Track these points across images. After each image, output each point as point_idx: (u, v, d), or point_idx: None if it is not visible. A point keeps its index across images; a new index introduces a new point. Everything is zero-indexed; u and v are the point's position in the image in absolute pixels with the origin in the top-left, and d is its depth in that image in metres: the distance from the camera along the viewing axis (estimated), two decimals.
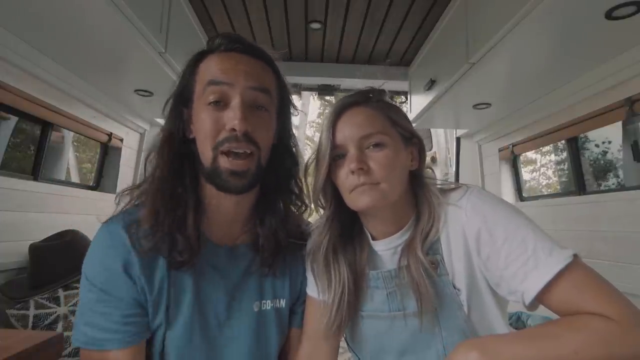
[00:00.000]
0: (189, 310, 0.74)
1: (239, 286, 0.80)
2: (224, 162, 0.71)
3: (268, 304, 0.82)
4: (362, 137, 0.74)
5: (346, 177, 0.74)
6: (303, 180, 0.87)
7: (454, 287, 0.73)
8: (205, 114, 0.71)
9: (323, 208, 0.83)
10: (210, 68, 0.73)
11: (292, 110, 0.86)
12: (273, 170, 0.80)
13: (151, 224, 0.70)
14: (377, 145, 0.74)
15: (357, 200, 0.74)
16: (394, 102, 0.83)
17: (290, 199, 0.86)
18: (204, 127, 0.71)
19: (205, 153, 0.72)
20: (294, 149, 0.86)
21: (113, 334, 0.68)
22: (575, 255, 0.61)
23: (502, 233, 0.67)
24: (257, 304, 0.81)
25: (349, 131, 0.75)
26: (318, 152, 0.79)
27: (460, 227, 0.72)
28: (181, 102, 0.76)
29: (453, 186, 0.80)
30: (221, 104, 0.71)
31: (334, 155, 0.77)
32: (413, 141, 0.81)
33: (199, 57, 0.76)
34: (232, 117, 0.70)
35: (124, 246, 0.70)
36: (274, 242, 0.81)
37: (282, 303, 0.85)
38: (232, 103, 0.70)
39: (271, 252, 0.80)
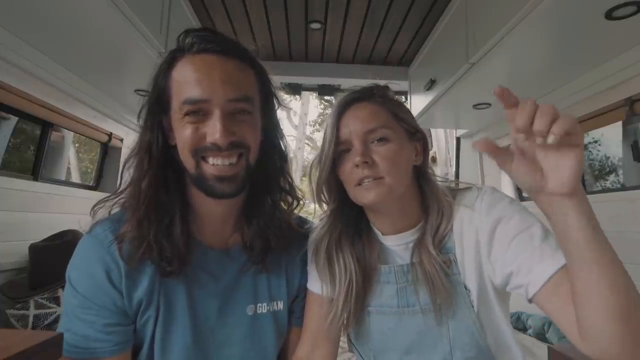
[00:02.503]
0: (182, 315, 0.72)
1: (232, 289, 0.78)
2: (208, 168, 0.69)
3: (264, 307, 0.81)
4: (366, 132, 0.75)
5: (351, 171, 0.75)
6: (306, 177, 0.85)
7: (465, 287, 0.74)
8: (184, 125, 0.68)
9: (326, 203, 0.83)
10: (185, 78, 0.68)
11: (276, 103, 0.82)
12: (261, 168, 0.78)
13: (137, 235, 0.68)
14: (381, 139, 0.74)
15: (362, 195, 0.74)
16: (397, 99, 0.84)
17: (279, 195, 0.83)
18: (183, 138, 0.69)
19: (187, 161, 0.70)
20: (281, 143, 0.83)
21: (93, 342, 0.66)
22: None
23: (513, 230, 0.68)
24: (252, 307, 0.79)
25: (353, 126, 0.76)
26: (322, 147, 0.79)
27: (474, 228, 0.73)
28: (159, 110, 0.72)
29: (464, 186, 0.81)
30: (200, 113, 0.68)
31: (339, 150, 0.77)
32: (417, 136, 0.81)
33: (171, 60, 0.71)
34: (212, 130, 0.66)
35: (109, 254, 0.68)
36: (262, 240, 0.79)
37: (280, 305, 0.83)
38: (212, 115, 0.67)
39: (260, 250, 0.79)
